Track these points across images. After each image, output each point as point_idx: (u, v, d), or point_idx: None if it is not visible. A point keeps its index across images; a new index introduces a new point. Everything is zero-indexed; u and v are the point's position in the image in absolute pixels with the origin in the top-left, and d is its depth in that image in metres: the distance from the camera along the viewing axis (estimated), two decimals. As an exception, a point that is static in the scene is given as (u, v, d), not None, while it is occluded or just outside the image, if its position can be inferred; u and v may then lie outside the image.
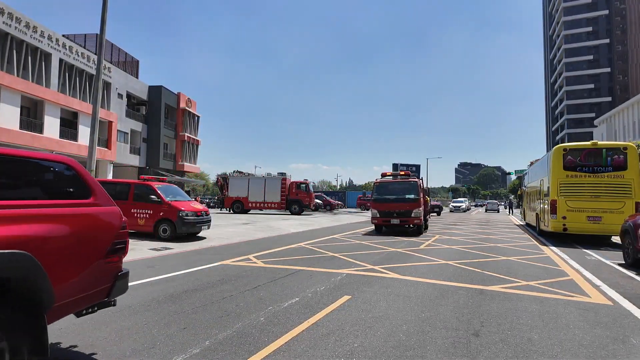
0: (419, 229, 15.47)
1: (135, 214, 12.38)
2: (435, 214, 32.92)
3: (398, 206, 15.16)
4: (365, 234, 15.52)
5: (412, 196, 15.22)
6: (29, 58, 27.23)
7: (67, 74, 30.60)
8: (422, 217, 15.41)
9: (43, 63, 28.45)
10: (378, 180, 16.60)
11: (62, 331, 4.07)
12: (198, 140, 47.91)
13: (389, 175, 16.66)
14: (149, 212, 12.32)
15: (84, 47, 33.43)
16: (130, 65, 41.21)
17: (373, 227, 17.29)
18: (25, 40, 26.63)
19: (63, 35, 31.24)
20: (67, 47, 30.27)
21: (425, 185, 19.52)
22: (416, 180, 15.94)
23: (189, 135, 45.19)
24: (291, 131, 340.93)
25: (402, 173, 16.58)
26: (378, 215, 15.55)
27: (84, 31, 39.86)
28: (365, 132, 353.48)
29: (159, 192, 12.35)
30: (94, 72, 31.84)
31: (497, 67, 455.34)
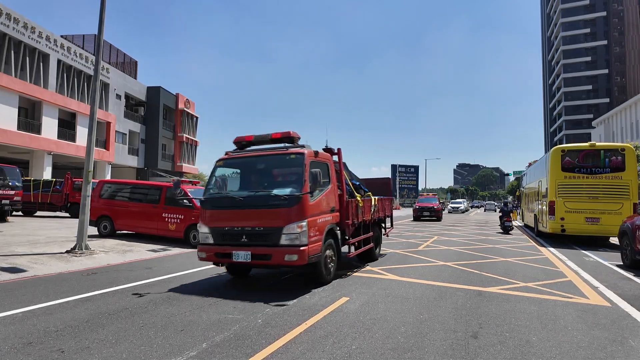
0: (314, 273, 6.36)
1: (167, 219, 11.84)
2: (435, 219, 26.53)
3: (249, 216, 6.07)
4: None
5: (286, 192, 6.04)
6: (27, 59, 27.17)
7: (65, 75, 30.53)
8: (321, 244, 6.21)
9: (41, 64, 28.40)
10: (224, 156, 7.06)
11: (58, 333, 4.04)
12: (196, 141, 47.85)
13: (246, 143, 7.09)
14: (180, 217, 11.67)
15: (82, 48, 33.36)
16: (129, 66, 41.15)
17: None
18: (23, 40, 26.56)
19: (61, 36, 31.19)
20: (65, 48, 30.21)
21: (346, 172, 7.92)
22: (301, 152, 6.32)
23: (187, 136, 45.14)
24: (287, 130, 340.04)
25: (278, 136, 6.77)
26: (208, 241, 6.32)
27: (82, 32, 39.78)
28: (363, 133, 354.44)
29: (191, 196, 11.52)
30: (92, 72, 31.77)
31: (495, 68, 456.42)
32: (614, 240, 12.79)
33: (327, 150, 7.40)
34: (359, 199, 7.72)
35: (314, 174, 5.86)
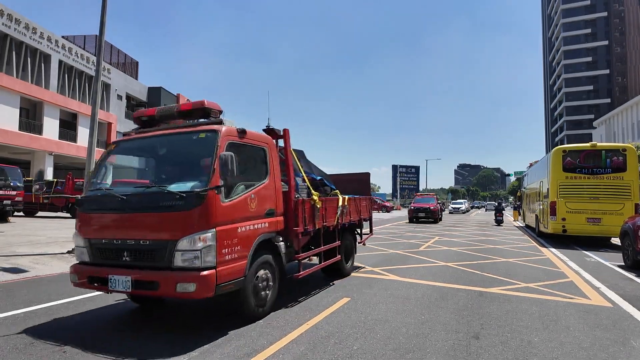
0: (238, 304, 4.50)
1: None
2: (432, 220, 24.53)
3: (133, 224, 4.17)
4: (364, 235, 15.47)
5: (187, 188, 4.07)
6: (29, 59, 27.24)
7: (66, 75, 30.59)
8: (245, 263, 4.34)
9: (42, 64, 28.46)
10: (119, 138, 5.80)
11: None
12: (197, 142, 47.83)
13: (148, 119, 5.12)
14: None
15: (84, 49, 33.43)
16: (130, 67, 41.21)
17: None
18: (25, 41, 26.63)
19: (62, 37, 31.25)
20: (67, 49, 30.27)
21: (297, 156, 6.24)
22: (213, 130, 4.34)
23: (188, 136, 45.14)
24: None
25: (187, 107, 4.84)
26: (84, 258, 4.46)
27: (84, 32, 39.87)
28: (363, 133, 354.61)
29: None
30: (93, 73, 31.83)
31: (496, 69, 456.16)
32: (616, 240, 12.78)
33: (268, 131, 5.44)
34: (315, 198, 5.75)
35: (224, 160, 3.93)
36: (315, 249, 6.06)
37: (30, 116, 27.82)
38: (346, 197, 7.01)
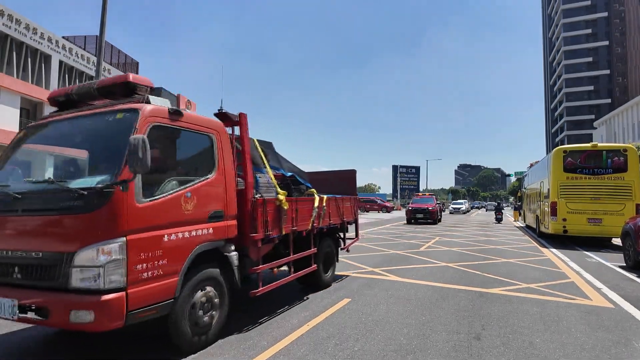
0: (170, 333, 3.59)
1: None
2: (431, 222, 23.41)
3: (24, 230, 3.34)
4: (364, 235, 15.48)
5: (94, 182, 3.19)
6: (29, 60, 27.26)
7: (66, 76, 30.62)
8: (175, 282, 3.45)
9: (43, 65, 28.48)
10: (31, 123, 4.45)
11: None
12: (198, 142, 47.86)
13: (64, 99, 4.24)
14: None
15: (84, 49, 33.45)
16: (130, 67, 41.24)
17: (371, 229, 17.06)
18: (25, 42, 26.65)
19: (63, 37, 31.27)
20: (67, 49, 30.31)
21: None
22: (133, 109, 3.47)
23: (188, 137, 45.18)
24: (289, 132, 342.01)
25: (106, 83, 3.96)
26: None
27: (84, 33, 39.93)
28: (363, 133, 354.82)
29: None
30: (93, 73, 31.88)
31: (496, 69, 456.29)
32: (617, 241, 12.76)
33: (220, 115, 4.58)
34: (282, 198, 4.86)
35: (134, 146, 3.00)
36: (282, 259, 5.11)
37: (31, 116, 27.82)
38: (324, 196, 6.15)
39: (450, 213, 43.99)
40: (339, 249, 7.17)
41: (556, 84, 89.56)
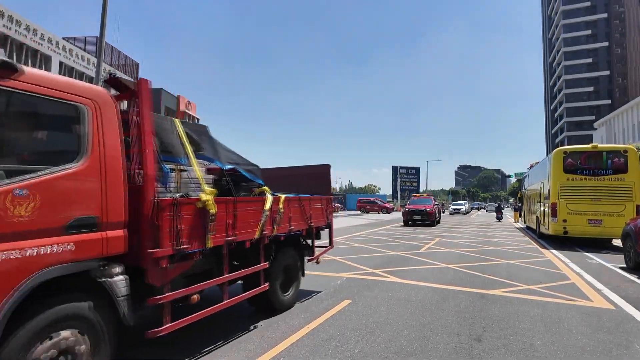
0: None
1: None
2: (429, 224, 22.26)
3: None
4: (364, 236, 15.47)
5: None
6: (29, 61, 27.28)
7: (67, 77, 30.68)
8: None
9: (43, 66, 28.50)
10: None
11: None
12: (198, 143, 47.84)
13: None
14: None
15: (84, 50, 33.49)
16: (130, 68, 41.26)
17: (371, 230, 17.09)
18: (25, 43, 26.69)
19: (63, 38, 31.31)
20: (67, 50, 30.35)
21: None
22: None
23: (188, 137, 45.17)
24: (289, 133, 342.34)
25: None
26: None
27: (84, 34, 39.96)
28: (364, 134, 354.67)
29: None
30: (94, 74, 31.89)
31: (496, 69, 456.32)
32: (617, 242, 12.75)
33: (112, 82, 3.71)
34: (207, 197, 3.58)
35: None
36: (203, 282, 3.69)
37: (31, 117, 27.87)
38: (281, 196, 4.88)
39: (450, 214, 43.97)
40: (306, 260, 5.84)
41: (556, 84, 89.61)
